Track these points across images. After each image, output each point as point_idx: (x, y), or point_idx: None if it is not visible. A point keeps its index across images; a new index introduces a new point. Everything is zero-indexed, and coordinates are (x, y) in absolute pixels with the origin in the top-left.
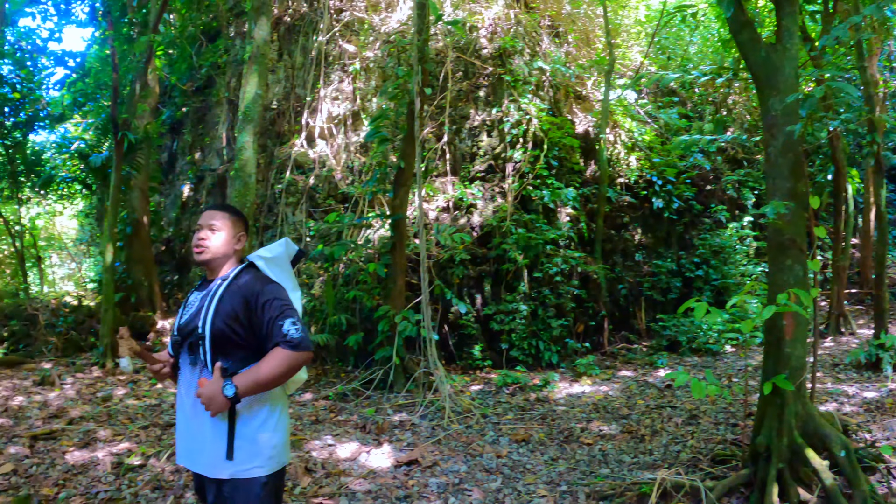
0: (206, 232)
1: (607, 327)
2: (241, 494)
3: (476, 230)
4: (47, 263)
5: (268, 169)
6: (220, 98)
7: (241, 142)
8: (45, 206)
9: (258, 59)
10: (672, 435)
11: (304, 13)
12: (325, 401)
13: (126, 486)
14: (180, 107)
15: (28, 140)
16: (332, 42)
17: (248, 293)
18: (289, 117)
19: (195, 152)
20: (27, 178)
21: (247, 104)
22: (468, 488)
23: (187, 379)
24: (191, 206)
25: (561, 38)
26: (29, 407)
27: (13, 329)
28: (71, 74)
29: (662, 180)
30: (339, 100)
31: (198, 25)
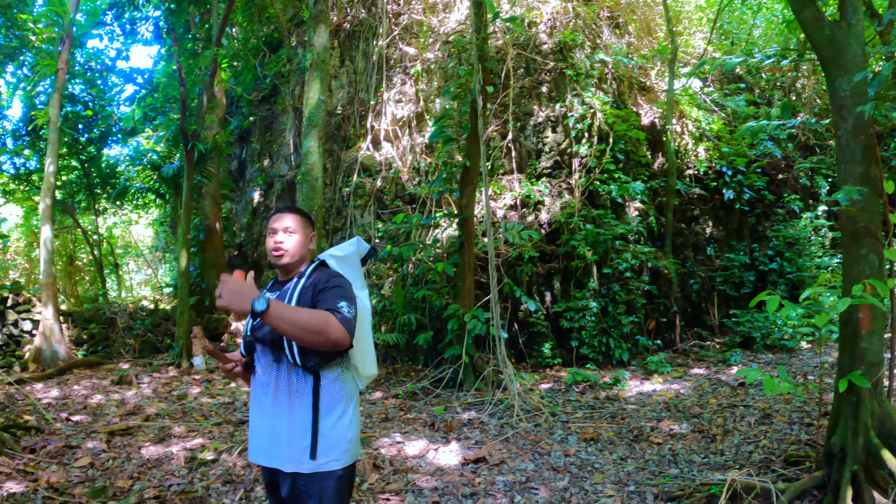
0: (283, 235)
1: (679, 324)
2: (317, 487)
3: (544, 227)
4: (124, 270)
5: (335, 173)
6: (285, 106)
7: (306, 147)
8: (121, 216)
9: (319, 65)
10: (744, 435)
11: (362, 19)
12: (394, 399)
13: (198, 480)
14: (247, 116)
15: (102, 154)
16: (392, 46)
17: (318, 284)
18: (354, 122)
19: (264, 159)
20: (103, 190)
21: (311, 110)
22: (535, 487)
23: (266, 377)
24: (261, 212)
25: (621, 29)
26: (107, 405)
27: (93, 332)
28: (140, 90)
29: (732, 170)
30: (403, 102)
31: (260, 37)
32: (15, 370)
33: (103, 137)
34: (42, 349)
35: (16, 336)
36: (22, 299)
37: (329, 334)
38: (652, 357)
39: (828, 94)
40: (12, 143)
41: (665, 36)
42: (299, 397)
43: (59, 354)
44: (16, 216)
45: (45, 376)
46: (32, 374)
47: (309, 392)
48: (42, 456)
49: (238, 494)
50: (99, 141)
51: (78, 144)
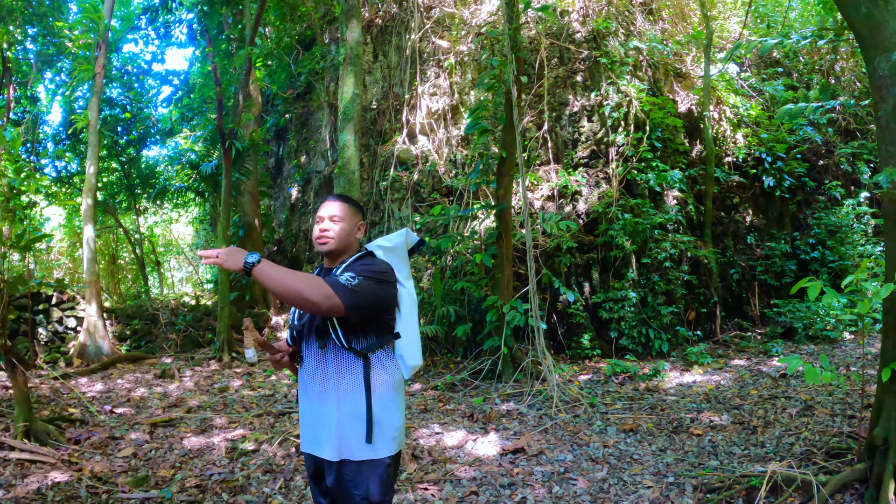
0: (328, 223)
1: (719, 314)
2: (365, 476)
3: (582, 217)
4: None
5: (372, 167)
6: (320, 102)
7: (342, 140)
8: (161, 215)
9: (353, 60)
10: (785, 427)
11: (394, 14)
12: (433, 390)
13: (239, 469)
14: (283, 114)
15: (141, 155)
16: (424, 39)
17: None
18: (389, 116)
19: (300, 156)
20: (143, 190)
21: (345, 104)
22: (573, 477)
23: (313, 365)
24: (299, 208)
25: (655, 15)
26: (150, 397)
27: (136, 328)
28: (176, 92)
29: (772, 157)
30: (437, 95)
31: (293, 35)
32: (60, 365)
33: (142, 139)
34: (86, 345)
35: (61, 333)
36: (66, 297)
37: (311, 296)
38: (692, 348)
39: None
40: (53, 146)
41: (699, 21)
42: (347, 383)
43: (102, 350)
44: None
45: (89, 371)
46: (77, 369)
47: (359, 377)
48: (86, 447)
49: (278, 483)
50: (138, 142)
51: (117, 146)
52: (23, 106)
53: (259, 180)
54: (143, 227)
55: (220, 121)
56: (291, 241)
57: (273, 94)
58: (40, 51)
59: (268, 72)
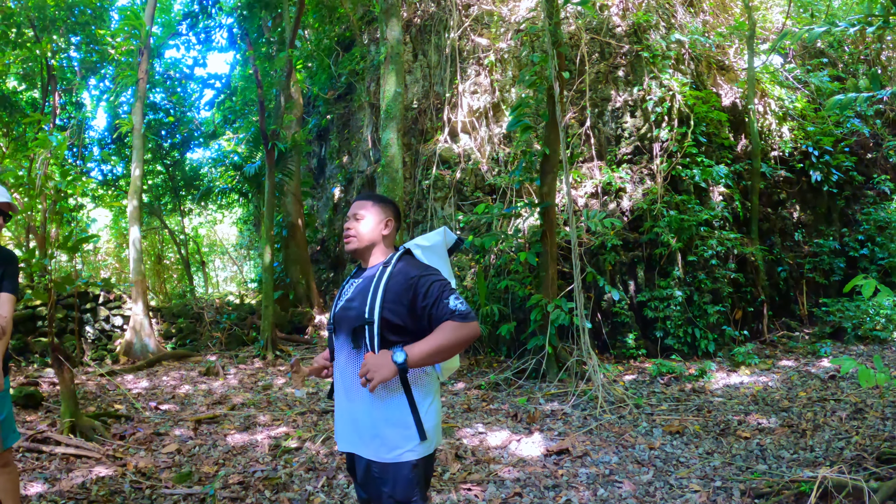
0: (353, 222)
1: (767, 313)
2: (391, 476)
3: (626, 214)
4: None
5: (414, 166)
6: (361, 103)
7: (385, 139)
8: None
9: (394, 58)
10: (835, 430)
11: (432, 13)
12: (477, 390)
13: (282, 467)
14: (325, 115)
15: (185, 158)
16: (464, 37)
17: (409, 279)
18: (430, 115)
19: (343, 156)
20: (187, 191)
21: (388, 102)
22: (618, 480)
23: (343, 364)
24: (342, 208)
25: (696, 7)
26: (194, 394)
27: (181, 326)
28: (219, 95)
29: (819, 150)
30: (478, 93)
31: (332, 37)
32: (106, 363)
33: (185, 142)
34: (132, 343)
35: (107, 331)
36: (113, 296)
37: (465, 339)
38: (739, 348)
39: None
40: (99, 150)
41: (741, 12)
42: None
43: (148, 347)
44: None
45: (135, 368)
46: (123, 367)
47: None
48: (131, 442)
49: (321, 482)
50: (182, 145)
51: (162, 149)
52: (68, 112)
53: (302, 181)
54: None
55: (263, 123)
56: (334, 240)
57: (314, 96)
58: (84, 58)
59: (308, 73)
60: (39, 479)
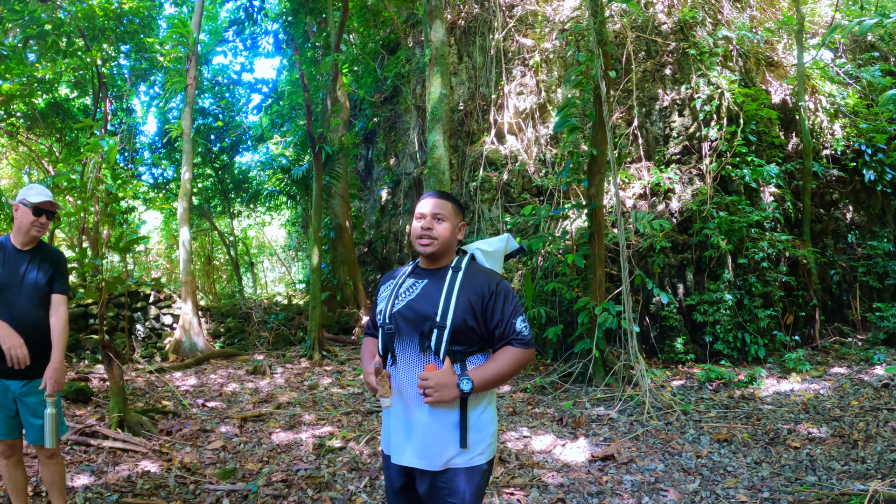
0: (432, 221)
1: (819, 318)
2: (462, 482)
3: (675, 216)
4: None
5: (461, 168)
6: (407, 105)
7: (431, 141)
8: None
9: (438, 60)
10: (888, 441)
11: (476, 14)
12: (523, 393)
13: (325, 466)
14: (371, 118)
15: (234, 161)
16: (508, 38)
17: (485, 287)
18: (476, 116)
19: (390, 158)
20: (236, 194)
21: (433, 104)
22: (664, 488)
23: (408, 367)
24: (389, 210)
25: (742, 2)
26: (241, 393)
27: (229, 326)
28: (266, 99)
29: (872, 149)
30: (524, 94)
31: (377, 41)
32: (156, 360)
33: (234, 146)
34: (181, 341)
35: (157, 329)
36: (163, 296)
37: (523, 365)
38: (790, 354)
39: None
40: (149, 154)
41: (789, 6)
42: None
43: (197, 346)
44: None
45: (183, 366)
46: (172, 364)
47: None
48: (177, 438)
49: (363, 482)
50: (230, 149)
51: (211, 153)
52: (119, 118)
53: (349, 183)
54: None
55: (310, 126)
56: (382, 242)
57: (360, 99)
58: (134, 66)
59: (354, 77)
60: (86, 472)
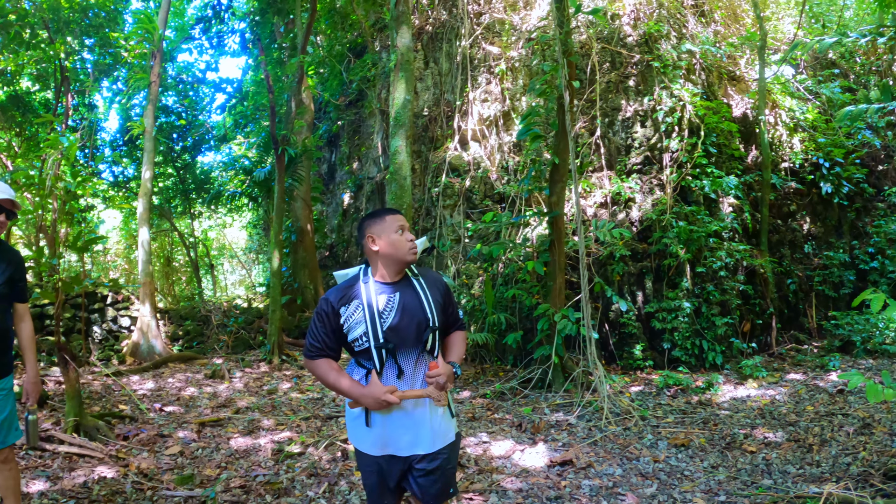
0: (411, 233)
1: (775, 326)
2: (456, 449)
3: (635, 225)
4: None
5: (424, 174)
6: (372, 109)
7: (394, 146)
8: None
9: (404, 65)
10: (842, 445)
11: (444, 21)
12: (482, 399)
13: (284, 472)
14: (335, 121)
15: (196, 161)
16: (475, 46)
17: (440, 285)
18: (440, 122)
19: (353, 162)
20: (198, 195)
21: (397, 110)
22: (622, 493)
23: (412, 371)
24: (351, 214)
25: (707, 17)
26: (199, 397)
27: (188, 329)
28: (230, 99)
29: (830, 162)
30: (489, 101)
31: (344, 43)
32: (113, 363)
33: (196, 145)
34: (139, 344)
35: (115, 331)
36: (121, 297)
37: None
38: (747, 361)
39: None
40: (110, 152)
41: (753, 22)
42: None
43: (155, 349)
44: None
45: (141, 369)
46: (129, 367)
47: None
48: (134, 443)
49: (322, 487)
50: (193, 148)
51: (173, 152)
52: (81, 113)
53: (311, 186)
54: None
55: (273, 127)
56: (343, 245)
57: (325, 102)
58: (97, 61)
59: (320, 79)
60: (41, 478)
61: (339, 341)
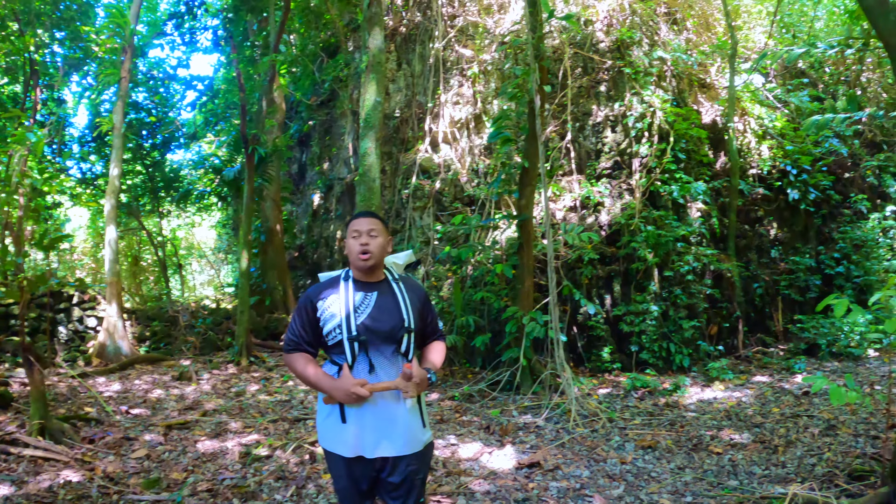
0: (368, 238)
1: (742, 329)
2: (426, 457)
3: (604, 229)
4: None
5: (394, 175)
6: (343, 110)
7: (363, 148)
8: (184, 219)
9: (375, 67)
10: (807, 446)
11: (418, 22)
12: (450, 401)
13: (251, 475)
14: (307, 120)
15: (166, 159)
16: (448, 48)
17: (421, 294)
18: (412, 124)
19: (323, 163)
20: (166, 193)
21: (367, 111)
22: (589, 494)
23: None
24: (321, 214)
25: (679, 25)
26: (167, 399)
27: (155, 329)
28: (201, 97)
29: (797, 169)
30: (460, 104)
31: (317, 43)
32: (79, 364)
33: (166, 143)
34: (105, 345)
35: (81, 332)
36: (87, 297)
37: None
38: (713, 363)
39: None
40: (78, 148)
41: (724, 31)
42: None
43: (121, 350)
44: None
45: (107, 371)
46: (95, 369)
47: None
48: (100, 446)
49: (290, 491)
50: (162, 146)
51: (142, 150)
52: (49, 108)
53: (281, 186)
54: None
55: (244, 126)
56: (313, 247)
57: (297, 101)
58: (67, 54)
59: (292, 79)
60: (6, 482)
61: (316, 336)
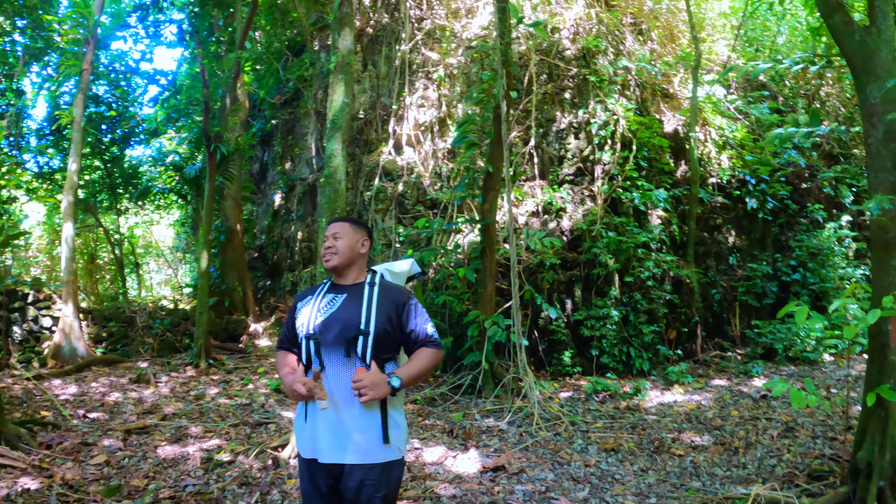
0: (332, 241)
1: (700, 334)
2: (388, 476)
3: (566, 234)
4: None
5: (357, 177)
6: (307, 110)
7: (329, 149)
8: (142, 216)
9: (344, 68)
10: (767, 448)
11: (385, 24)
12: (412, 405)
13: (214, 481)
14: (270, 119)
15: (125, 155)
16: (415, 51)
17: (398, 299)
18: (376, 126)
19: (285, 163)
20: (125, 189)
21: (335, 112)
22: (554, 497)
23: (334, 374)
24: (282, 215)
25: (644, 36)
26: (124, 403)
27: (112, 330)
28: (163, 92)
29: (756, 179)
30: (425, 107)
31: (283, 41)
32: (34, 366)
33: (126, 138)
34: (61, 346)
35: (35, 332)
36: (42, 296)
37: (436, 364)
38: (673, 367)
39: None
40: (36, 141)
41: (688, 43)
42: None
43: (78, 351)
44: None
45: (63, 373)
46: (51, 371)
47: None
48: (58, 452)
49: (254, 497)
50: (122, 141)
51: (101, 144)
52: (7, 99)
53: (243, 185)
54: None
55: (206, 123)
56: (273, 247)
57: (260, 99)
58: (28, 44)
59: (256, 76)
60: None
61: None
